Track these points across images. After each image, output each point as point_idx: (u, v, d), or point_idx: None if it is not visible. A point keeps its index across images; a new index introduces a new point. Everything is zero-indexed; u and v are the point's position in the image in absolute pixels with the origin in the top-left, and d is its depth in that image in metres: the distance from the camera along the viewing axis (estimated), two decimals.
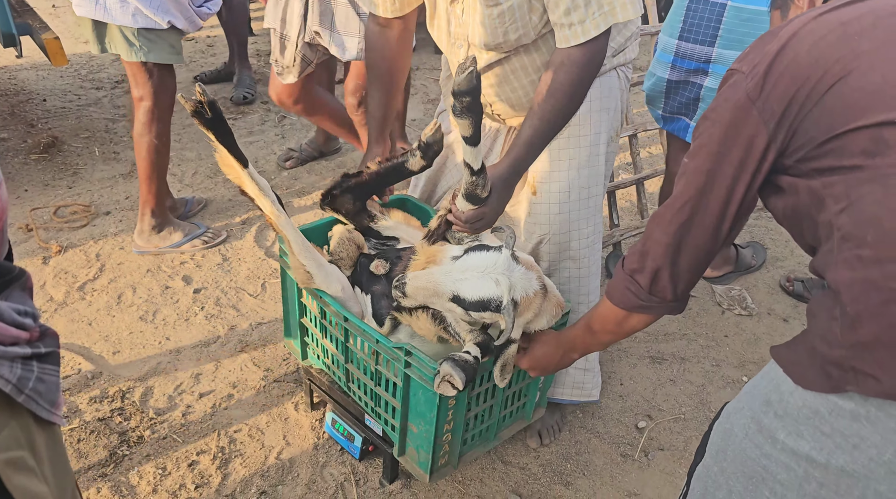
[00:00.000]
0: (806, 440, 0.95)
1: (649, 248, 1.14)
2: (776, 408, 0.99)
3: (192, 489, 1.81)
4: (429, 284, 1.42)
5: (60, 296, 2.46)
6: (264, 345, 2.30)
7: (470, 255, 1.44)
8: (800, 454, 0.95)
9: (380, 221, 1.83)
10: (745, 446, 1.05)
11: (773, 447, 0.99)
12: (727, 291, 2.68)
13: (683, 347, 2.41)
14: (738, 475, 1.06)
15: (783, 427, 0.98)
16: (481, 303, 1.39)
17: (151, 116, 2.46)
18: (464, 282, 1.40)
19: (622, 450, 2.01)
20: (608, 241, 2.75)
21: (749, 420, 1.05)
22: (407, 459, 1.70)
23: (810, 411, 0.94)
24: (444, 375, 1.40)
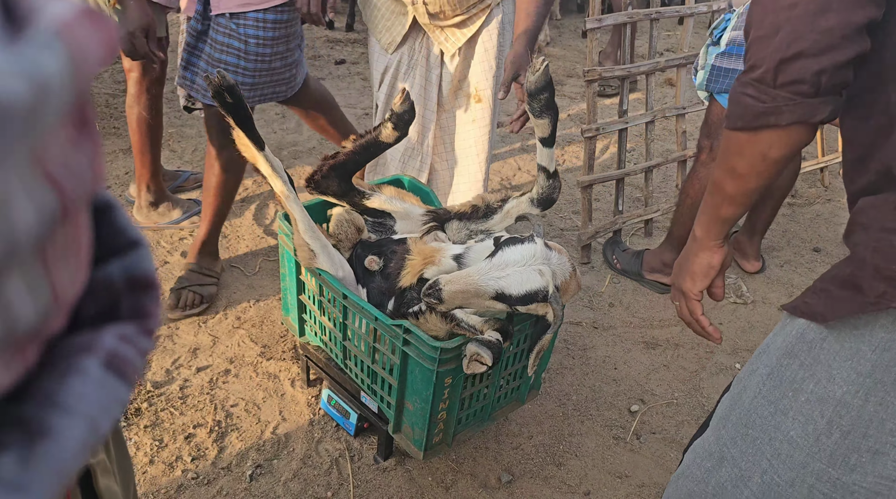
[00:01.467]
0: (838, 385, 0.92)
1: (762, 33, 0.89)
2: (802, 358, 0.97)
3: (188, 461, 1.83)
4: (468, 286, 1.40)
5: None
6: (262, 322, 2.31)
7: (504, 250, 1.43)
8: (828, 400, 0.93)
9: (372, 198, 1.84)
10: (754, 406, 1.03)
11: (794, 400, 0.97)
12: (733, 285, 2.69)
13: (678, 333, 2.44)
14: (737, 440, 1.05)
15: (812, 376, 0.95)
16: (529, 296, 1.40)
17: (139, 87, 2.46)
18: (506, 278, 1.39)
19: (614, 433, 2.04)
20: (609, 227, 2.77)
21: (765, 378, 1.03)
22: (402, 436, 1.72)
23: (849, 352, 0.91)
24: (472, 354, 1.42)
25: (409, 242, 1.72)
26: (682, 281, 1.15)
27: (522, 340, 1.69)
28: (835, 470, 0.93)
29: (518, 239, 1.46)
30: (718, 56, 2.21)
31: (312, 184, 1.81)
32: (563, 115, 4.04)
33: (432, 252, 1.63)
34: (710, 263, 1.11)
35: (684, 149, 2.88)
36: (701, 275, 1.12)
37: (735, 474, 1.04)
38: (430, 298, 1.39)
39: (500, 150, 3.59)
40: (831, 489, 0.94)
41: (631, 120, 2.66)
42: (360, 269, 1.74)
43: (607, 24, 2.46)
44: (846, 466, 0.92)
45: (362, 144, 1.77)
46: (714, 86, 2.24)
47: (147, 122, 2.52)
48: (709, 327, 1.16)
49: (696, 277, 1.13)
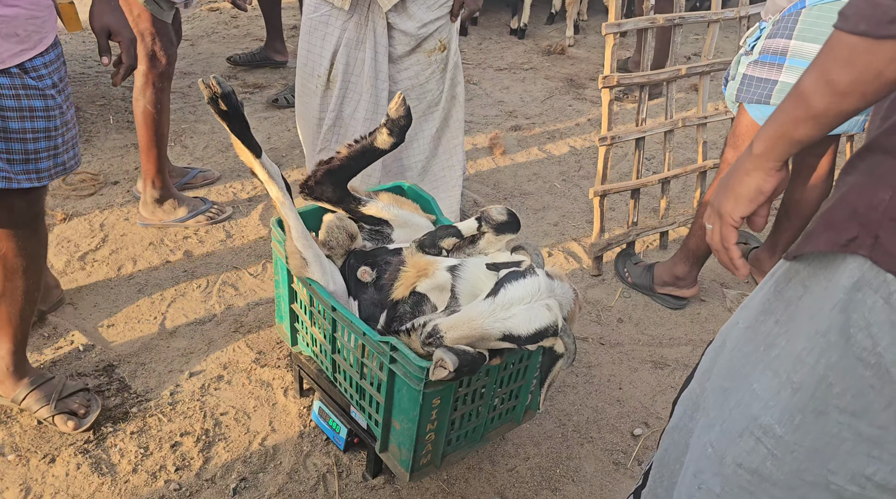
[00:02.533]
0: (800, 341, 0.91)
1: None
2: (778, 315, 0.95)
3: (172, 471, 1.78)
4: (473, 331, 1.33)
5: (61, 265, 2.44)
6: (259, 327, 2.27)
7: (507, 287, 1.36)
8: (790, 357, 0.92)
9: (368, 205, 1.78)
10: (731, 358, 1.01)
11: (765, 354, 0.95)
12: (739, 298, 2.58)
13: (688, 353, 2.33)
14: (715, 390, 1.04)
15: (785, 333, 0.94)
16: (538, 334, 1.34)
17: (145, 81, 2.42)
18: (513, 318, 1.33)
19: (615, 457, 1.95)
20: (623, 239, 2.67)
21: (742, 332, 1.01)
22: (389, 455, 1.65)
23: (814, 309, 0.89)
24: (437, 360, 1.35)
25: (404, 253, 1.65)
26: (723, 201, 1.00)
27: (517, 360, 1.61)
28: (780, 427, 0.92)
29: (519, 273, 1.38)
30: (751, 65, 2.10)
31: (306, 190, 1.76)
32: (582, 119, 3.94)
33: (426, 264, 1.57)
34: (761, 187, 0.97)
35: (705, 159, 2.77)
36: (747, 198, 0.98)
37: (705, 421, 1.04)
38: (431, 346, 1.32)
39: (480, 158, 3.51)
40: (774, 446, 0.94)
41: (649, 129, 2.55)
42: (353, 280, 1.68)
43: (627, 28, 2.36)
44: (791, 424, 0.91)
45: (357, 149, 1.72)
46: (745, 95, 2.13)
47: (152, 117, 2.48)
48: (738, 259, 1.02)
49: (740, 200, 0.98)
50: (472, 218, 1.62)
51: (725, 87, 2.26)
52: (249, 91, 3.88)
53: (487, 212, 1.59)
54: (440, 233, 1.63)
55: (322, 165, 1.74)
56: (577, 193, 3.21)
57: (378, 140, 1.70)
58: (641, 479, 1.36)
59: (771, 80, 2.04)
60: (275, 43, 4.10)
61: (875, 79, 0.79)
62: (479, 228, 1.60)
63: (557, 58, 4.79)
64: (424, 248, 1.63)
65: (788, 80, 2.01)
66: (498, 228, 1.58)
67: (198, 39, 4.56)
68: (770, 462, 0.94)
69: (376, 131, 1.70)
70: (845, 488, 0.91)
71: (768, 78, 2.04)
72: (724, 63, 2.68)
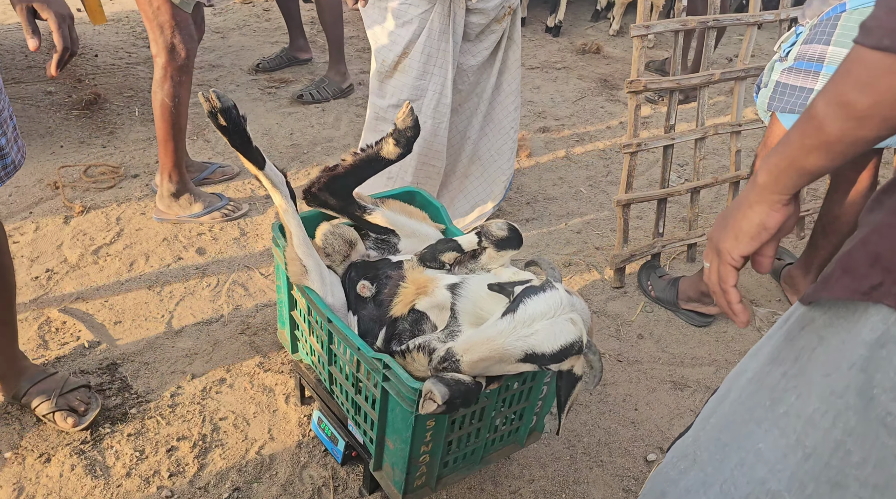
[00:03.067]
0: (812, 401, 0.81)
1: None
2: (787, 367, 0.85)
3: (165, 477, 1.75)
4: (492, 352, 1.23)
5: (74, 258, 2.44)
6: (266, 329, 2.22)
7: (526, 302, 1.26)
8: (801, 417, 0.82)
9: (374, 213, 1.71)
10: (732, 410, 0.93)
11: (771, 410, 0.86)
12: (769, 317, 2.45)
13: (711, 374, 2.22)
14: (709, 444, 0.95)
15: (794, 388, 0.84)
16: (563, 351, 1.24)
17: (164, 73, 2.40)
18: (535, 335, 1.23)
19: (625, 484, 1.85)
20: (647, 250, 2.55)
21: (747, 382, 0.92)
22: (382, 474, 1.59)
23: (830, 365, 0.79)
24: (426, 392, 1.28)
25: (405, 267, 1.58)
26: (723, 237, 0.90)
27: (521, 381, 1.53)
28: (790, 495, 0.84)
29: (538, 287, 1.29)
30: (785, 72, 1.96)
31: (309, 196, 1.71)
32: (614, 122, 3.82)
33: (425, 282, 1.49)
34: (764, 223, 0.85)
35: (738, 169, 2.63)
36: (748, 235, 0.87)
37: (700, 478, 0.95)
38: (446, 371, 1.22)
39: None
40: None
41: (678, 136, 2.43)
42: (353, 294, 1.62)
43: (656, 31, 2.25)
44: (802, 493, 0.82)
45: (363, 158, 1.66)
46: (777, 104, 2.00)
47: (170, 110, 2.46)
48: (736, 304, 0.90)
49: (741, 236, 0.87)
50: (473, 232, 1.54)
51: (757, 96, 2.13)
52: (275, 86, 3.85)
53: (487, 227, 1.50)
54: (440, 247, 1.56)
55: (326, 172, 1.68)
56: (603, 199, 3.09)
57: (384, 150, 1.64)
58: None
59: (806, 88, 1.91)
60: (298, 41, 4.06)
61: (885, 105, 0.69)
62: (480, 242, 1.52)
63: (592, 57, 4.66)
64: (425, 261, 1.56)
65: None
66: (498, 243, 1.49)
67: (229, 32, 4.55)
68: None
69: (382, 141, 1.64)
70: None
71: (803, 86, 1.91)
72: (761, 68, 2.54)
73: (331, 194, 1.67)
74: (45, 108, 3.36)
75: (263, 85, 3.84)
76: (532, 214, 2.95)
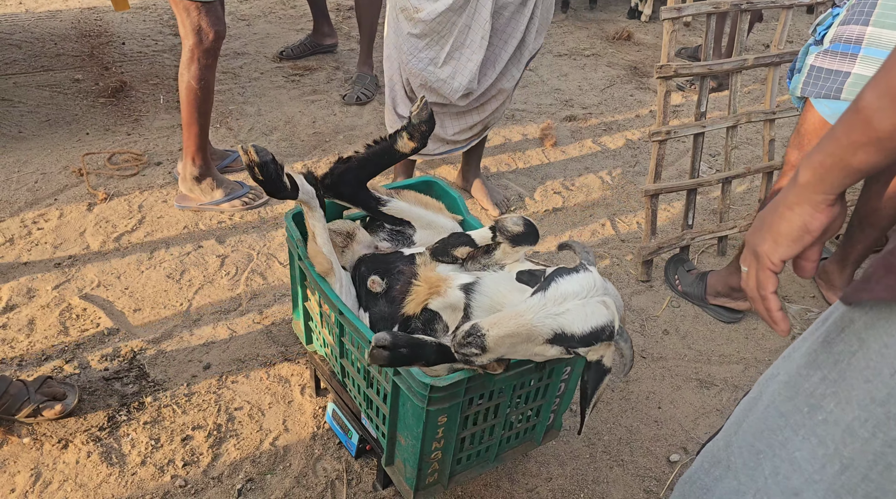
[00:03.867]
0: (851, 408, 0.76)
1: None
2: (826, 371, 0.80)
3: (179, 466, 1.74)
4: (519, 328, 1.16)
5: (97, 245, 2.45)
6: (283, 319, 2.21)
7: (558, 281, 1.20)
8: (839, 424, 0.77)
9: (389, 205, 1.67)
10: (766, 416, 0.89)
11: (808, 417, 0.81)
12: (802, 314, 2.36)
13: (739, 373, 2.14)
14: (743, 450, 0.91)
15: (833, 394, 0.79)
16: (594, 334, 1.17)
17: (191, 56, 2.39)
18: (566, 314, 1.17)
19: (646, 485, 1.79)
20: (676, 243, 2.47)
21: (782, 386, 0.88)
22: (394, 470, 1.56)
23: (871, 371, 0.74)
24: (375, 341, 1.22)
25: (417, 263, 1.53)
26: (761, 240, 0.84)
27: (537, 379, 1.48)
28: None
29: (570, 269, 1.23)
30: (820, 55, 1.87)
31: (322, 188, 1.67)
32: (643, 110, 3.72)
33: (438, 281, 1.44)
34: (808, 225, 0.79)
35: (771, 159, 2.53)
36: (789, 238, 0.81)
37: (734, 486, 0.92)
38: (470, 347, 1.15)
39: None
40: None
41: (709, 124, 2.34)
42: (363, 289, 1.58)
43: (688, 13, 2.16)
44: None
45: (377, 151, 1.62)
46: (812, 89, 1.90)
47: (195, 93, 2.45)
48: (776, 312, 0.84)
49: (781, 239, 0.81)
50: (487, 228, 1.49)
51: (790, 81, 2.03)
52: (299, 74, 3.82)
53: (502, 222, 1.44)
54: (453, 241, 1.51)
55: (340, 164, 1.64)
56: (630, 190, 3.01)
57: (399, 144, 1.60)
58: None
59: (843, 72, 1.81)
60: (322, 27, 4.02)
61: None
62: (494, 238, 1.47)
63: (623, 44, 4.54)
64: (437, 256, 1.51)
65: (864, 73, 1.78)
66: (514, 239, 1.44)
67: (254, 19, 4.53)
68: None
69: (396, 135, 1.59)
70: None
71: (839, 69, 1.81)
72: (796, 54, 2.43)
73: (345, 186, 1.63)
74: (73, 96, 3.39)
75: (287, 73, 3.82)
76: (557, 203, 2.89)
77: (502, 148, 3.26)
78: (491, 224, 1.47)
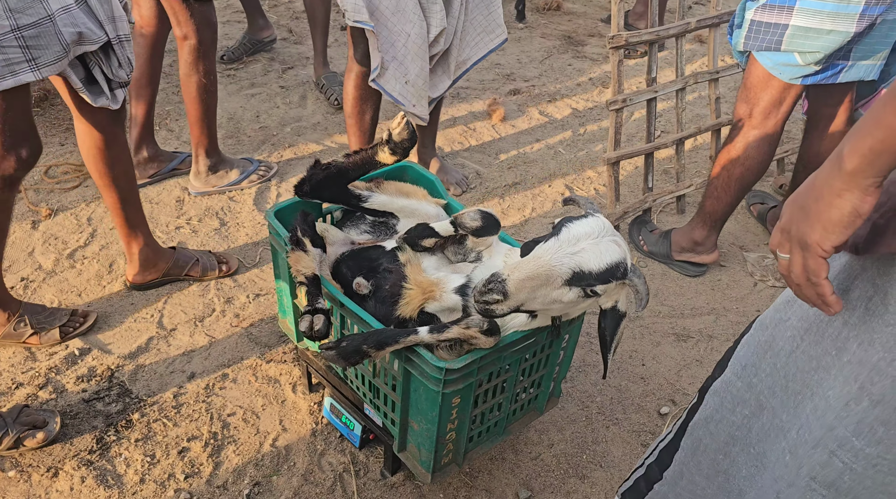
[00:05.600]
0: (876, 349, 0.83)
1: None
2: (847, 316, 0.86)
3: (181, 480, 1.70)
4: (539, 269, 1.17)
5: (49, 264, 2.33)
6: (262, 319, 2.16)
7: (569, 226, 1.21)
8: (865, 364, 0.84)
9: (370, 200, 1.67)
10: (794, 360, 0.94)
11: (837, 359, 0.88)
12: (759, 261, 2.48)
13: (711, 323, 2.24)
14: (776, 390, 0.97)
15: (856, 336, 0.85)
16: (609, 270, 1.20)
17: (197, 54, 2.38)
18: (582, 253, 1.18)
19: (643, 439, 1.87)
20: (639, 206, 2.55)
21: (803, 332, 0.92)
22: (408, 455, 1.57)
23: (893, 315, 0.80)
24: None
25: (401, 261, 1.53)
26: (809, 229, 0.82)
27: (539, 349, 1.51)
28: (858, 440, 0.86)
29: (578, 216, 1.25)
30: (759, 10, 1.95)
31: (301, 193, 1.65)
32: (583, 78, 3.79)
33: (430, 286, 1.45)
34: (859, 209, 0.78)
35: (718, 117, 2.63)
36: (841, 224, 0.79)
37: (776, 423, 0.99)
38: (492, 294, 1.16)
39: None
40: (852, 459, 0.87)
41: (661, 88, 2.41)
42: (349, 290, 1.57)
43: None
44: (872, 437, 0.84)
45: (357, 161, 1.63)
46: (753, 43, 1.99)
47: (206, 88, 2.48)
48: (830, 297, 0.83)
49: (831, 227, 0.80)
50: (448, 221, 1.50)
51: (731, 37, 2.12)
52: (234, 68, 3.70)
53: (461, 219, 1.45)
54: (419, 232, 1.52)
55: (319, 170, 1.62)
56: (582, 157, 3.08)
57: (380, 155, 1.61)
58: (656, 454, 1.27)
59: (781, 24, 1.90)
60: (257, 20, 3.88)
61: None
62: (456, 231, 1.49)
63: (553, 14, 4.60)
64: (410, 246, 1.53)
65: (801, 24, 1.87)
66: (475, 233, 1.46)
67: None
68: (848, 476, 0.86)
69: (377, 147, 1.60)
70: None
71: (778, 22, 1.91)
72: (733, 13, 2.52)
73: (325, 190, 1.63)
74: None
75: (222, 68, 3.69)
76: (515, 177, 2.92)
77: (452, 127, 3.27)
78: (451, 219, 1.48)
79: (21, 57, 1.49)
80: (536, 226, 2.64)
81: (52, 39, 1.51)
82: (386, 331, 1.37)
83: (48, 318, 2.02)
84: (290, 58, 3.81)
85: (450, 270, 1.51)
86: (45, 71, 1.53)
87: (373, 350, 1.34)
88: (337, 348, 1.35)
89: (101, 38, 1.62)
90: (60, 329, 2.02)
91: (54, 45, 1.52)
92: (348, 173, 1.64)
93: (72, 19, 1.54)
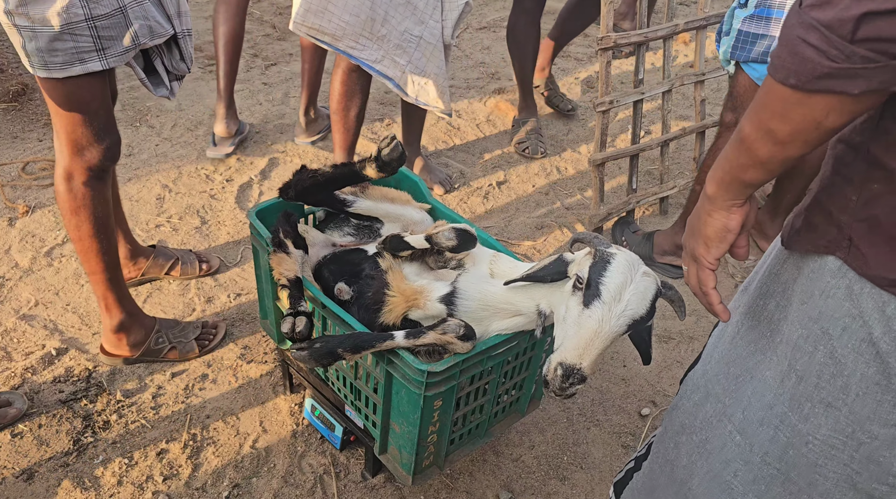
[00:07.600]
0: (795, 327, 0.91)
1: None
2: (778, 299, 0.94)
3: (159, 482, 1.68)
4: (605, 343, 1.19)
5: (26, 262, 2.29)
6: (243, 319, 2.15)
7: (604, 282, 1.19)
8: (789, 343, 0.91)
9: (355, 204, 1.66)
10: (734, 344, 1.01)
11: (770, 340, 0.95)
12: (741, 263, 2.50)
13: (692, 324, 2.25)
14: (719, 376, 1.04)
15: (786, 318, 0.93)
16: (653, 304, 1.23)
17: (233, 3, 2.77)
18: (630, 306, 1.20)
19: (623, 440, 1.88)
20: (623, 208, 2.56)
21: (743, 316, 1.00)
22: (389, 458, 1.56)
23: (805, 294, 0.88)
24: None
25: (382, 268, 1.51)
26: (696, 244, 0.95)
27: (522, 352, 1.51)
28: (793, 415, 0.91)
29: (601, 262, 1.22)
30: (746, 20, 1.96)
31: (286, 197, 1.65)
32: (569, 78, 3.79)
33: (414, 294, 1.44)
34: (727, 226, 0.91)
35: (703, 119, 2.65)
36: (716, 239, 0.92)
37: (719, 409, 1.03)
38: (574, 386, 1.18)
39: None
40: (790, 435, 0.92)
41: (647, 90, 2.42)
42: (330, 294, 1.56)
43: None
44: (800, 413, 0.90)
45: (344, 172, 1.64)
46: (741, 53, 2.00)
47: (240, 36, 2.74)
48: (718, 305, 0.96)
49: (710, 242, 0.92)
50: (423, 237, 1.48)
51: (719, 44, 2.12)
52: (214, 63, 3.65)
53: (436, 239, 1.44)
54: (395, 244, 1.52)
55: (305, 177, 1.62)
56: (567, 156, 3.08)
57: (367, 170, 1.63)
58: (645, 448, 1.30)
59: (768, 35, 1.91)
60: None
61: (815, 129, 0.74)
62: (432, 248, 1.48)
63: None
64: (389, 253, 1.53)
65: None
66: (452, 250, 1.45)
67: None
68: (792, 451, 0.92)
69: (365, 162, 1.62)
70: (874, 487, 0.88)
71: (765, 34, 1.91)
72: (722, 15, 2.54)
73: (310, 195, 1.64)
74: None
75: (203, 63, 3.66)
76: (500, 177, 2.92)
77: (436, 126, 3.26)
78: (426, 236, 1.47)
79: (91, 46, 1.49)
80: (520, 226, 2.64)
81: (123, 31, 1.52)
82: (363, 335, 1.36)
83: (182, 331, 2.00)
84: (274, 54, 3.78)
85: (432, 276, 1.50)
86: (113, 61, 1.53)
87: (348, 354, 1.34)
88: (310, 349, 1.34)
89: (168, 31, 1.61)
90: (197, 342, 2.00)
91: (124, 37, 1.52)
92: (335, 181, 1.65)
93: (143, 12, 1.54)
